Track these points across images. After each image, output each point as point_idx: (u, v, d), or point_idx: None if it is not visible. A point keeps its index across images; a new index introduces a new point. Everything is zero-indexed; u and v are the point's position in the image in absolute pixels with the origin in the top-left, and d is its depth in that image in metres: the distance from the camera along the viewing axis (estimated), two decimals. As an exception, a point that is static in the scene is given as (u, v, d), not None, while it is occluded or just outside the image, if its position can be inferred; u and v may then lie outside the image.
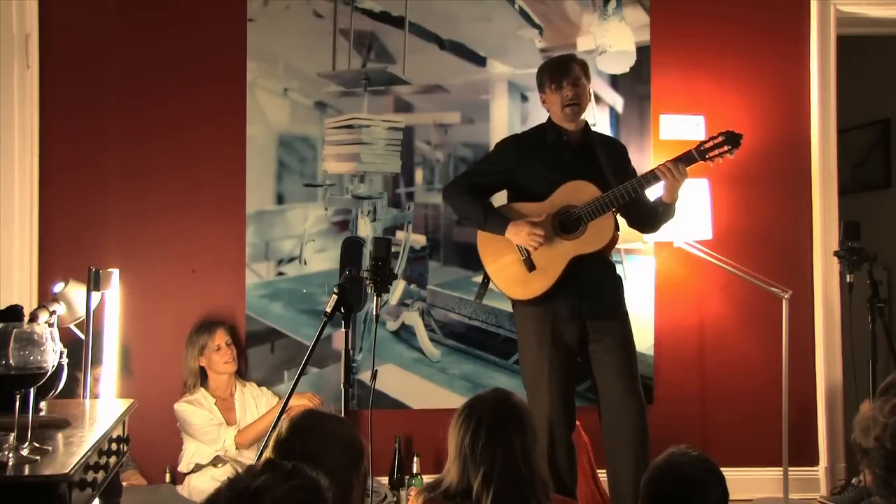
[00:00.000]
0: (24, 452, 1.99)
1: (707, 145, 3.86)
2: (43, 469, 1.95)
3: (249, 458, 4.33)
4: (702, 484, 2.48)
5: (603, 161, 3.91)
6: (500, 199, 4.10)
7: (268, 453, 2.28)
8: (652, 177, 3.82)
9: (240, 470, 1.67)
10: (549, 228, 3.84)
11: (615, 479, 3.85)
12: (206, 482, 4.28)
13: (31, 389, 2.02)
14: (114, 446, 2.56)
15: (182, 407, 4.47)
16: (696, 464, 2.53)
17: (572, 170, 3.89)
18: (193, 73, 4.81)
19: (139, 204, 4.75)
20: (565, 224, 3.86)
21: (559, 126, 3.97)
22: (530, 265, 3.86)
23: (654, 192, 3.94)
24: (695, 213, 4.63)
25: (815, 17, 4.99)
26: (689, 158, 3.84)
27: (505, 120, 4.91)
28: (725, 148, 3.84)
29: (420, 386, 4.84)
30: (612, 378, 3.85)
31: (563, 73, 3.91)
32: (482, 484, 2.58)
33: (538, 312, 3.88)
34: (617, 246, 4.06)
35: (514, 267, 3.90)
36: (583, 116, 3.99)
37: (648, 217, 4.02)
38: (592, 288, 3.86)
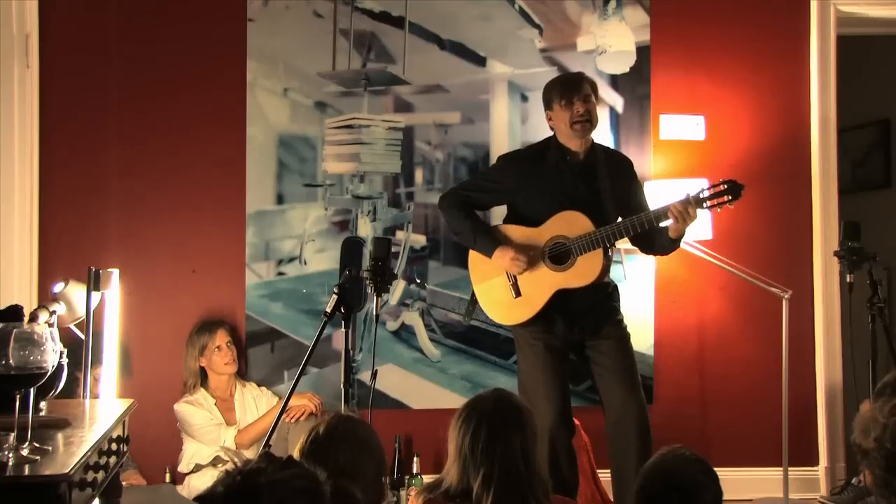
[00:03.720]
0: (24, 452, 1.99)
1: (707, 192, 3.77)
2: (43, 469, 1.95)
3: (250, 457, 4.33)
4: (693, 485, 2.47)
5: (605, 186, 3.89)
6: (498, 211, 4.12)
7: (298, 455, 2.27)
8: (660, 215, 3.75)
9: (238, 462, 1.68)
10: (539, 257, 3.85)
11: (619, 482, 3.85)
12: (206, 482, 4.28)
13: (31, 389, 2.02)
14: (114, 446, 2.56)
15: (182, 407, 4.47)
16: (687, 465, 2.51)
17: (572, 195, 3.87)
18: (193, 73, 4.81)
19: (139, 204, 4.75)
20: (556, 255, 3.85)
21: (563, 145, 3.93)
22: (517, 291, 3.88)
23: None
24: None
25: (815, 17, 4.99)
26: (684, 203, 3.75)
27: (505, 120, 4.91)
28: (725, 198, 3.75)
29: (420, 386, 4.84)
30: (612, 381, 3.86)
31: (574, 88, 3.86)
32: (482, 484, 2.58)
33: (532, 328, 3.91)
34: (617, 246, 4.05)
35: (501, 290, 3.93)
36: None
37: (650, 244, 4.00)
38: (582, 310, 3.88)
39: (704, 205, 3.77)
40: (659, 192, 3.90)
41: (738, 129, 3.81)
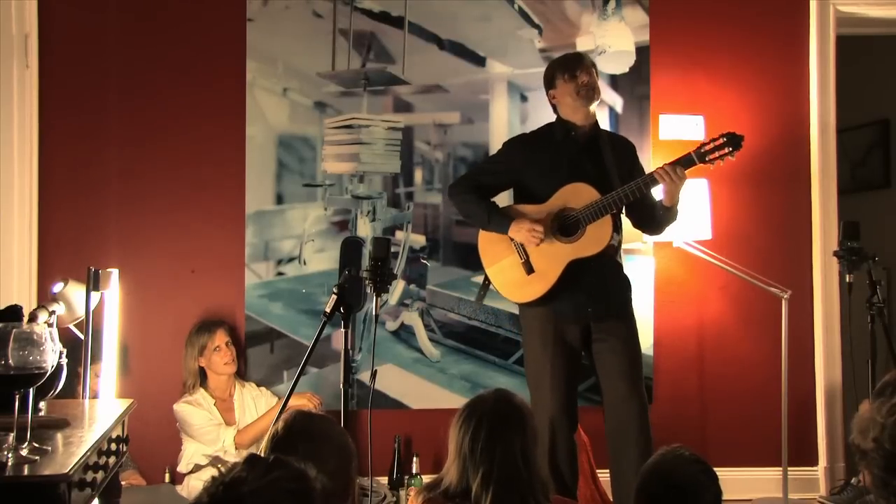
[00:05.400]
0: (24, 452, 1.99)
1: (707, 147, 3.82)
2: (42, 469, 1.95)
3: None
4: (693, 485, 2.47)
5: (609, 160, 3.90)
6: (504, 199, 4.11)
7: (263, 453, 2.28)
8: (650, 180, 3.81)
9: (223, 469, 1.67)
10: (549, 230, 3.85)
11: (617, 481, 3.85)
12: (206, 482, 4.27)
13: (31, 389, 2.02)
14: (113, 446, 2.56)
15: (181, 407, 4.46)
16: (686, 464, 2.52)
17: (577, 169, 3.88)
18: (193, 73, 4.81)
19: (138, 204, 4.74)
20: (564, 227, 3.86)
21: (568, 122, 3.96)
22: (529, 268, 3.87)
23: (657, 194, 3.94)
24: (694, 213, 4.63)
25: (815, 17, 4.99)
26: (688, 161, 3.81)
27: (504, 120, 4.91)
28: (726, 150, 3.80)
29: (419, 386, 4.83)
30: (615, 379, 3.86)
31: (577, 61, 3.95)
32: (481, 484, 2.58)
33: (542, 313, 3.89)
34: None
35: (514, 269, 3.91)
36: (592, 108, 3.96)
37: (650, 219, 4.02)
38: (598, 290, 3.86)
39: (706, 159, 3.82)
40: (658, 192, 3.91)
41: (738, 129, 3.80)
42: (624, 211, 3.99)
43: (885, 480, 1.83)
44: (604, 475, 4.19)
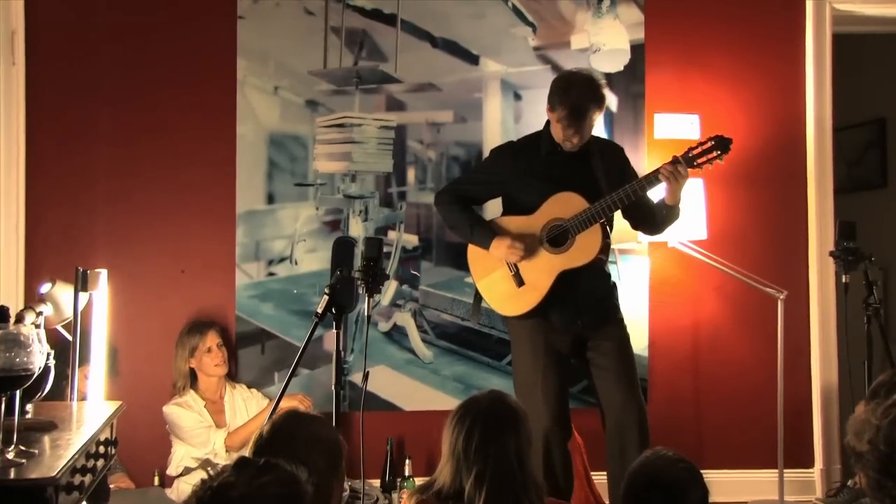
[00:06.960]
0: (10, 456, 2.00)
1: (695, 151, 3.82)
2: (29, 472, 1.95)
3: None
4: (679, 484, 2.47)
5: (598, 169, 3.88)
6: (494, 206, 4.10)
7: (248, 454, 2.26)
8: (652, 180, 3.79)
9: (211, 472, 1.65)
10: (536, 242, 3.84)
11: (617, 485, 3.82)
12: (196, 485, 4.24)
13: (17, 392, 2.01)
14: (101, 449, 2.55)
15: (171, 409, 4.43)
16: (670, 464, 2.52)
17: (566, 180, 3.86)
18: (182, 71, 4.77)
19: (127, 203, 4.71)
20: (553, 237, 3.84)
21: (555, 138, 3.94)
22: (519, 281, 3.87)
23: (655, 194, 3.92)
24: (690, 213, 4.61)
25: (811, 16, 4.99)
26: (675, 164, 3.79)
27: (498, 119, 4.89)
28: (714, 154, 3.80)
29: (412, 387, 4.82)
30: (612, 384, 3.86)
31: (579, 120, 3.75)
32: (475, 485, 2.57)
33: (532, 324, 3.90)
34: (613, 247, 4.05)
35: (504, 283, 3.91)
36: None
37: (651, 219, 4.01)
38: (587, 299, 3.87)
39: (695, 163, 3.81)
40: (654, 192, 3.90)
41: (734, 129, 3.81)
42: (622, 213, 3.97)
43: (880, 482, 1.84)
44: (597, 477, 4.17)
